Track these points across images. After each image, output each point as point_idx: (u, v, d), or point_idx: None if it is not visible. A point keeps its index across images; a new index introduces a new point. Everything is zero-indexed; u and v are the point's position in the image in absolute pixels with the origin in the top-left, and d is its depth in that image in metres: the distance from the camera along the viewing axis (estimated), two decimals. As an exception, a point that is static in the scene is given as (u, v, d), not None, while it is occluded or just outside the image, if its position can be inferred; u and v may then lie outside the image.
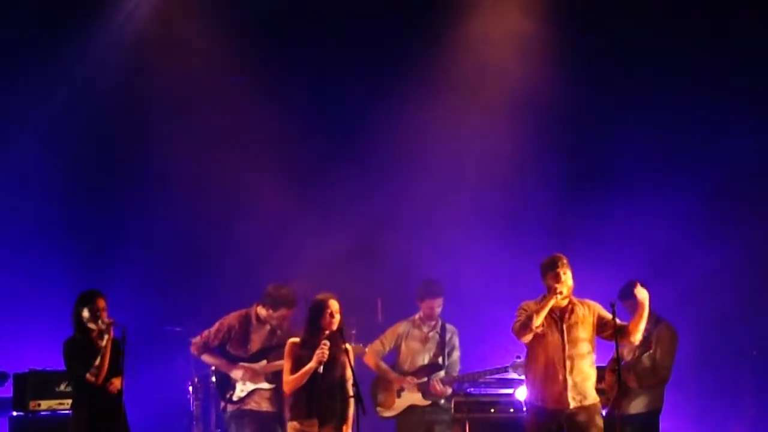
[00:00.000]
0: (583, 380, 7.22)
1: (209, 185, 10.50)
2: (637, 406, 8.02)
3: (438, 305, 8.76)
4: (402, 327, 8.88)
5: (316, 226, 10.39)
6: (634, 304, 7.37)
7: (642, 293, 7.24)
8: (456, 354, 8.83)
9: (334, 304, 7.35)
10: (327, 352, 7.19)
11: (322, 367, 7.20)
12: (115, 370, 7.44)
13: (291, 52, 10.72)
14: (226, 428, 8.77)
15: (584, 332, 7.25)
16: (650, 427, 8.04)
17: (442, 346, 8.78)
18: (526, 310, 7.24)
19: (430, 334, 8.82)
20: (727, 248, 9.84)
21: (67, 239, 10.46)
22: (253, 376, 8.55)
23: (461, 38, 10.69)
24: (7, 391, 8.85)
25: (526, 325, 7.16)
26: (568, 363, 7.15)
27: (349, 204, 10.55)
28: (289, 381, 7.28)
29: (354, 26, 10.63)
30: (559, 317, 7.24)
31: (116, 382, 7.45)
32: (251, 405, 8.53)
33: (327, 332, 7.29)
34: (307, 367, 7.21)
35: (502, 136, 10.45)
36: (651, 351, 7.98)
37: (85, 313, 7.45)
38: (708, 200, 9.99)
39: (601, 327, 7.29)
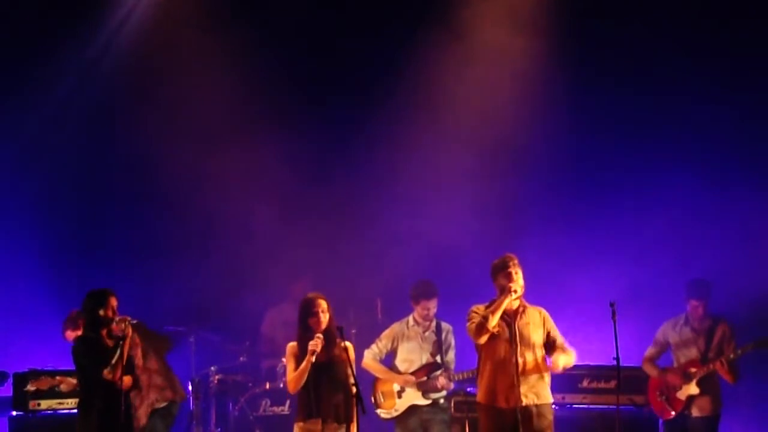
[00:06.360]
0: (536, 379, 7.28)
1: (211, 184, 10.51)
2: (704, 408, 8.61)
3: (433, 306, 8.70)
4: (397, 328, 8.84)
5: (316, 226, 10.40)
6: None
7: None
8: (452, 353, 8.82)
9: (322, 304, 7.32)
10: (320, 344, 7.19)
11: (321, 366, 7.20)
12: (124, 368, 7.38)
13: (290, 54, 10.76)
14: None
15: (535, 333, 7.34)
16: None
17: (439, 345, 8.74)
18: (477, 313, 7.33)
19: (426, 333, 8.78)
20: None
21: (68, 238, 10.47)
22: None
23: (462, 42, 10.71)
24: (7, 390, 8.86)
25: (482, 326, 7.23)
26: (520, 362, 7.22)
27: (348, 203, 10.58)
28: (290, 380, 7.29)
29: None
30: (511, 318, 7.32)
31: (126, 380, 7.36)
32: None
33: (316, 331, 7.27)
34: (304, 362, 7.20)
35: (500, 135, 10.45)
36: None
37: (101, 312, 7.37)
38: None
39: (547, 344, 7.37)
